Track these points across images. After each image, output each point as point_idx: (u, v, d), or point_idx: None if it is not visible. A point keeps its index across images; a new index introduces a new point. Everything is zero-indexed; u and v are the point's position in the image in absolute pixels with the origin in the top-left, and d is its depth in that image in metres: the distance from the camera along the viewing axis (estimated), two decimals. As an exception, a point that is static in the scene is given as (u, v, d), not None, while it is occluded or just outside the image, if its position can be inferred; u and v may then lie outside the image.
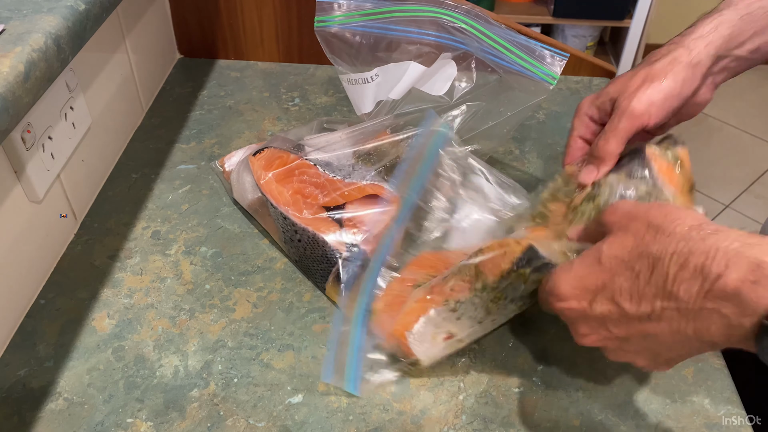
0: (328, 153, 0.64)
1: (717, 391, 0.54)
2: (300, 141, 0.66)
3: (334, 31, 0.67)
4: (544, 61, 0.61)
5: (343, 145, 0.66)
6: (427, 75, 0.66)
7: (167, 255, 0.65)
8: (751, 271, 0.32)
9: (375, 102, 0.68)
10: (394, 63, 0.66)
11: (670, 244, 0.35)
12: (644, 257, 0.36)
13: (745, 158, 2.46)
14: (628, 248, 0.38)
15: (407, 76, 0.65)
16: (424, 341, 0.52)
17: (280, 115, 0.86)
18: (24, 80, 0.47)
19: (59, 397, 0.53)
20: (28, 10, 0.53)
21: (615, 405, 0.53)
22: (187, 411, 0.52)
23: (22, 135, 0.56)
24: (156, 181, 0.74)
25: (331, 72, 0.95)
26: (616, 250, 0.38)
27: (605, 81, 0.93)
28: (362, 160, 0.66)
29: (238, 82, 0.92)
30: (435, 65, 0.66)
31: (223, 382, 0.54)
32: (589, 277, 0.39)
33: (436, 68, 0.66)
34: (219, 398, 0.53)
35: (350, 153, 0.65)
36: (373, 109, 0.68)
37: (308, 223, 0.59)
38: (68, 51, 0.54)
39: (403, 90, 0.66)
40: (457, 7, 0.63)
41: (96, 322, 0.59)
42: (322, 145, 0.65)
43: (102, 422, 0.51)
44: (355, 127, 0.66)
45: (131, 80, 0.80)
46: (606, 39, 2.74)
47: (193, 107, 0.86)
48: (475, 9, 0.64)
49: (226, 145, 0.80)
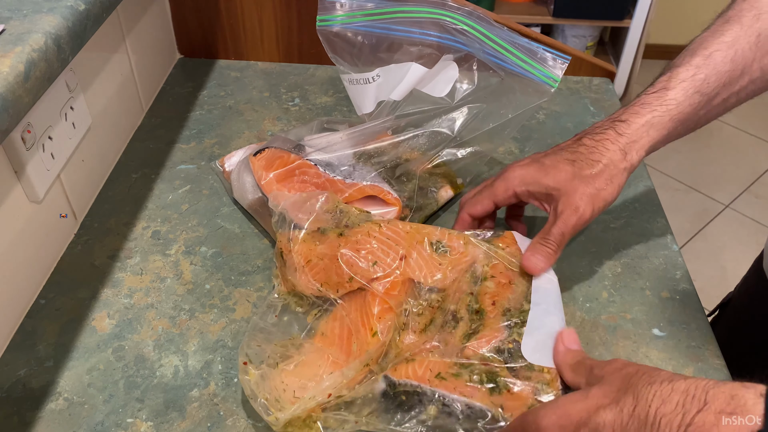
0: (328, 153, 0.64)
1: (717, 391, 0.54)
2: (300, 141, 0.66)
3: (335, 30, 0.67)
4: (545, 63, 0.61)
5: (343, 146, 0.66)
6: (429, 76, 0.66)
7: (167, 255, 0.65)
8: (728, 402, 0.33)
9: (376, 102, 0.68)
10: (396, 64, 0.66)
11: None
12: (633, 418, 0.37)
13: (745, 158, 2.46)
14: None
15: (409, 77, 0.65)
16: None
17: (280, 115, 0.86)
18: (24, 80, 0.47)
19: (59, 397, 0.53)
20: (28, 10, 0.53)
21: (615, 405, 0.53)
22: (187, 411, 0.52)
23: (22, 135, 0.56)
24: (156, 181, 0.74)
25: (331, 72, 0.95)
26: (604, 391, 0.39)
27: (605, 81, 0.94)
28: (363, 160, 0.66)
29: (238, 82, 0.92)
30: (437, 67, 0.66)
31: (223, 382, 0.54)
32: (574, 409, 0.40)
33: (438, 70, 0.66)
34: (219, 398, 0.53)
35: (351, 154, 0.65)
36: (374, 109, 0.68)
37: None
38: (68, 51, 0.54)
39: (405, 91, 0.66)
40: (459, 9, 0.63)
41: (96, 322, 0.59)
42: (322, 146, 0.65)
43: (102, 422, 0.51)
44: (355, 128, 0.66)
45: (131, 80, 0.80)
46: (606, 39, 2.74)
47: (193, 107, 0.86)
48: (477, 11, 0.64)
49: (226, 145, 0.80)
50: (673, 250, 0.67)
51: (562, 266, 0.64)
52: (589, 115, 0.86)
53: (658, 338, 0.58)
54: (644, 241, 0.68)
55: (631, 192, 0.74)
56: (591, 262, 0.65)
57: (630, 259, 0.66)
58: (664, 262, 0.65)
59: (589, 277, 0.64)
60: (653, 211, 0.71)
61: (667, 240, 0.68)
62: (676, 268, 0.65)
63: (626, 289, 0.63)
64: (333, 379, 0.48)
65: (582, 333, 0.58)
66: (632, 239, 0.68)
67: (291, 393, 0.48)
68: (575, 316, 0.60)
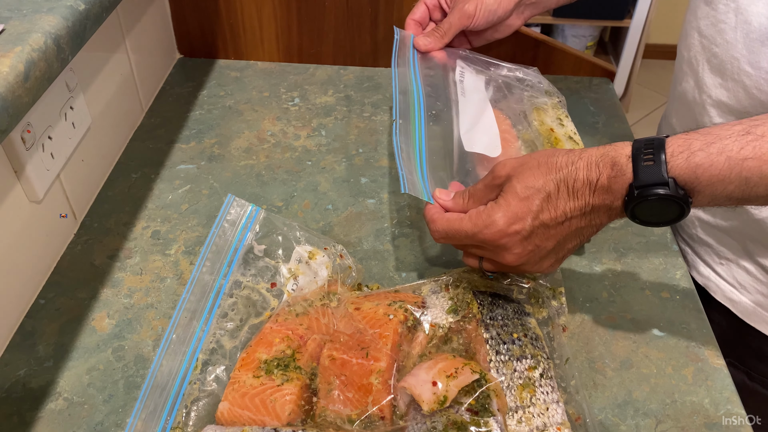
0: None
1: (717, 391, 0.54)
2: None
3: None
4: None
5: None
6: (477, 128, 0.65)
7: (167, 255, 0.65)
8: (612, 168, 0.45)
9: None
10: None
11: (561, 171, 0.47)
12: (549, 182, 0.47)
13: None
14: (534, 179, 0.48)
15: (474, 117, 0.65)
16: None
17: (280, 114, 0.86)
18: (24, 80, 0.47)
19: (59, 397, 0.53)
20: (28, 10, 0.53)
21: (615, 405, 0.53)
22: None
23: (22, 135, 0.56)
24: (156, 181, 0.74)
25: (331, 72, 0.95)
26: (527, 182, 0.48)
27: (605, 81, 0.94)
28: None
29: (238, 82, 0.92)
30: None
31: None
32: (516, 207, 0.48)
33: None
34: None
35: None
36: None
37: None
38: (68, 51, 0.54)
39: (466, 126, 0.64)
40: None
41: (96, 322, 0.59)
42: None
43: (102, 422, 0.51)
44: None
45: (131, 80, 0.80)
46: (606, 39, 2.74)
47: (193, 107, 0.86)
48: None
49: (226, 144, 0.80)
50: (673, 250, 0.67)
51: (562, 266, 0.64)
52: (589, 115, 0.86)
53: (658, 338, 0.58)
54: (644, 241, 0.68)
55: (631, 192, 0.73)
56: (591, 262, 0.65)
57: (630, 259, 0.66)
58: (664, 262, 0.65)
59: (589, 277, 0.64)
60: (653, 210, 0.71)
61: (667, 240, 0.68)
62: (676, 268, 0.65)
63: (626, 289, 0.63)
64: None
65: (582, 333, 0.58)
66: (632, 239, 0.68)
67: None
68: (575, 316, 0.60)
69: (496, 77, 0.71)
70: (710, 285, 0.68)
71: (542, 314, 0.55)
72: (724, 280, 0.67)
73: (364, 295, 0.56)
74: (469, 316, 0.52)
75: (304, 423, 0.48)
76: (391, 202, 0.72)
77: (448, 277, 0.56)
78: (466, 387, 0.46)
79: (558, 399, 0.48)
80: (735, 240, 0.64)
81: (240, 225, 0.58)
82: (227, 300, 0.54)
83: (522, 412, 0.47)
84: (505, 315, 0.52)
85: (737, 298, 0.66)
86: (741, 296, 0.66)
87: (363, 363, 0.49)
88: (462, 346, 0.52)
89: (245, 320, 0.54)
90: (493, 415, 0.45)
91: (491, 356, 0.49)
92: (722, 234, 0.66)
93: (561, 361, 0.52)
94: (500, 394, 0.47)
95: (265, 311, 0.55)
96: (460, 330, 0.52)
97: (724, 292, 0.67)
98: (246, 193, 0.73)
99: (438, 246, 0.67)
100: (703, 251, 0.69)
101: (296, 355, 0.50)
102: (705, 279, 0.69)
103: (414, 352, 0.51)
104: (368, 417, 0.47)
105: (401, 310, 0.52)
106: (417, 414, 0.46)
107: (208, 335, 0.52)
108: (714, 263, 0.68)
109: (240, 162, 0.77)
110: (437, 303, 0.54)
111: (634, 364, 0.56)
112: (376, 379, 0.47)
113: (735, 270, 0.66)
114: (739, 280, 0.65)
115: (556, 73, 0.94)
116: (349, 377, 0.48)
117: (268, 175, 0.76)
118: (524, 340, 0.51)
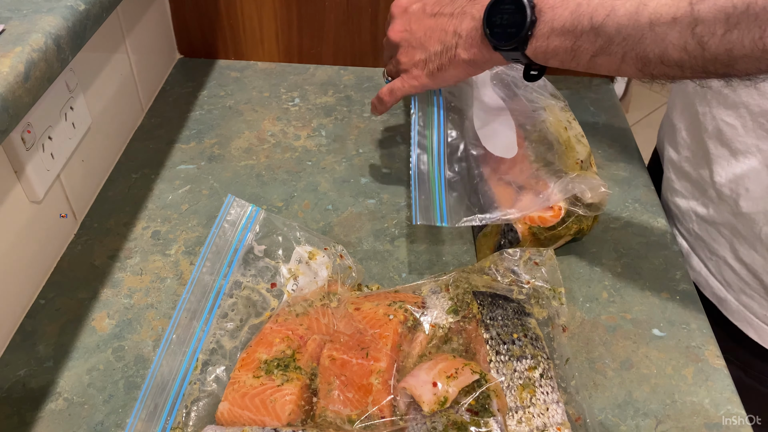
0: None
1: (717, 391, 0.54)
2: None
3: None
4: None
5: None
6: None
7: (167, 255, 0.65)
8: None
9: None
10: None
11: None
12: None
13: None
14: None
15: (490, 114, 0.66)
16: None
17: (280, 115, 0.86)
18: (24, 80, 0.47)
19: (59, 397, 0.53)
20: (28, 10, 0.53)
21: (615, 405, 0.53)
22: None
23: (22, 135, 0.56)
24: (156, 181, 0.74)
25: (331, 72, 0.95)
26: None
27: (605, 81, 0.94)
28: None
29: (238, 82, 0.92)
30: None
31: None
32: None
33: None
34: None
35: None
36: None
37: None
38: (68, 51, 0.54)
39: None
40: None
41: (96, 322, 0.59)
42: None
43: (102, 422, 0.51)
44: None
45: (131, 80, 0.80)
46: (606, 39, 2.74)
47: (193, 107, 0.86)
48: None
49: (226, 145, 0.80)
50: (673, 251, 0.67)
51: (563, 266, 0.64)
52: (589, 115, 0.86)
53: (658, 338, 0.58)
54: (644, 241, 0.68)
55: (631, 192, 0.74)
56: (591, 262, 0.65)
57: (630, 259, 0.66)
58: (664, 262, 0.65)
59: (589, 277, 0.64)
60: (653, 211, 0.71)
61: (667, 240, 0.68)
62: (676, 268, 0.65)
63: (626, 289, 0.63)
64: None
65: (582, 333, 0.58)
66: (632, 239, 0.68)
67: None
68: (575, 316, 0.60)
69: (503, 76, 0.72)
70: (700, 281, 0.69)
71: (542, 314, 0.54)
72: (713, 276, 0.67)
73: (364, 296, 0.56)
74: (469, 317, 0.52)
75: (304, 423, 0.48)
76: (391, 202, 0.72)
77: (448, 277, 0.56)
78: (466, 387, 0.46)
79: (558, 399, 0.48)
80: (725, 237, 0.64)
81: (240, 225, 0.58)
82: (227, 300, 0.54)
83: (522, 413, 0.47)
84: (505, 315, 0.52)
85: (724, 296, 0.66)
86: (728, 294, 0.66)
87: (363, 363, 0.49)
88: (462, 346, 0.52)
89: (245, 320, 0.54)
90: (493, 415, 0.45)
91: (491, 356, 0.49)
92: (714, 230, 0.66)
93: (561, 362, 0.52)
94: (500, 394, 0.47)
95: (265, 311, 0.55)
96: (460, 330, 0.52)
97: (712, 288, 0.67)
98: (246, 193, 0.73)
99: (438, 246, 0.67)
100: (697, 246, 0.69)
101: (296, 355, 0.50)
102: (696, 274, 0.69)
103: (414, 352, 0.51)
104: (368, 417, 0.47)
105: (401, 310, 0.52)
106: (417, 414, 0.46)
107: (208, 335, 0.52)
108: (706, 259, 0.68)
109: (240, 162, 0.77)
110: (437, 303, 0.54)
111: (634, 364, 0.56)
112: (376, 379, 0.47)
113: (723, 268, 0.66)
114: (726, 279, 0.66)
115: (556, 73, 0.94)
116: (349, 377, 0.48)
117: (268, 176, 0.76)
118: (524, 341, 0.51)
